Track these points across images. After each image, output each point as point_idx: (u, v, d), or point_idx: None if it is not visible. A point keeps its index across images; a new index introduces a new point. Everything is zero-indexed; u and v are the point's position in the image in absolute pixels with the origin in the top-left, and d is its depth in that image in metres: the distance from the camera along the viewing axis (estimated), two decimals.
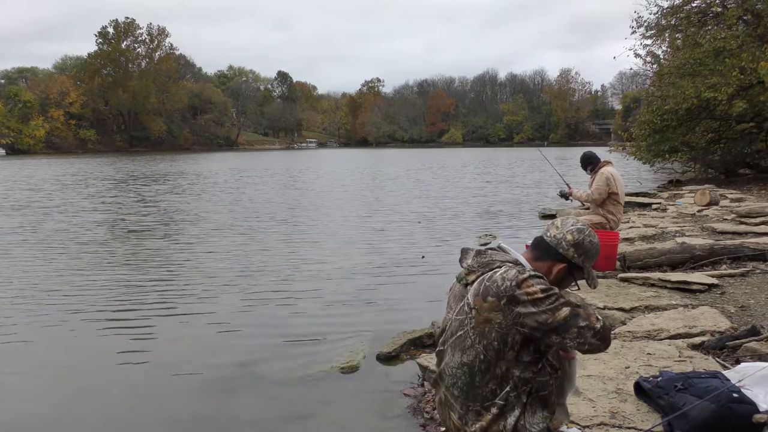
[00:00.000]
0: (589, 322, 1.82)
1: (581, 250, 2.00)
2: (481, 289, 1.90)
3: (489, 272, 1.94)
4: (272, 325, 5.57)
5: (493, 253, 2.04)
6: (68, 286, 7.01)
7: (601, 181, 6.30)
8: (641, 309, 4.83)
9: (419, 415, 3.59)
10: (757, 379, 2.77)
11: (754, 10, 15.39)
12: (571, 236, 2.01)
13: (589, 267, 2.05)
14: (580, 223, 2.08)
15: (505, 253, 2.05)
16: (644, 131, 16.98)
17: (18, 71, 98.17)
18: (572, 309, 1.82)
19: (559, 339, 1.82)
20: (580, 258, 2.00)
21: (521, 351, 1.86)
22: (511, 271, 1.89)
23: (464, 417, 1.94)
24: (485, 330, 1.87)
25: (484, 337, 1.88)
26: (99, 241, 10.29)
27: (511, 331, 1.84)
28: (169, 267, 8.08)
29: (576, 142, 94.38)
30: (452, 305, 2.06)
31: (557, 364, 1.99)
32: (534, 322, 1.81)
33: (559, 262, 2.01)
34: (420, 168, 34.88)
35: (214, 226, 11.89)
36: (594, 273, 2.09)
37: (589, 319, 1.82)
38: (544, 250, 2.04)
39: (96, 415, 3.86)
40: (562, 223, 2.07)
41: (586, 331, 1.80)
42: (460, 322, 1.95)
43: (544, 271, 1.99)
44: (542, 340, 1.84)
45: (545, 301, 1.82)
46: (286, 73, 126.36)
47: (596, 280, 2.10)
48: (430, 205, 15.23)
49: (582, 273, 2.04)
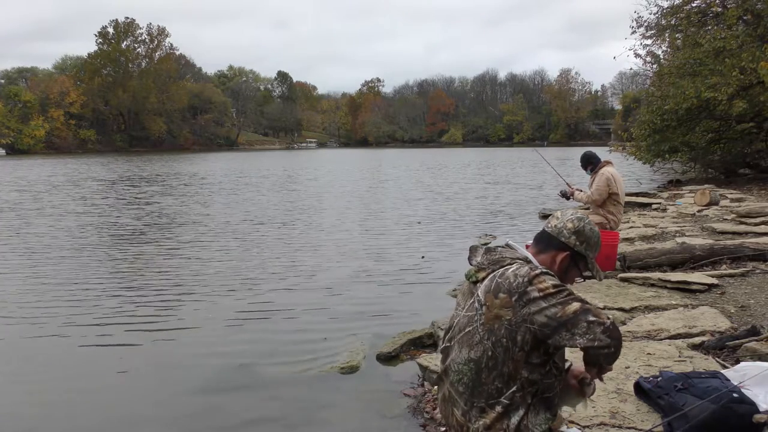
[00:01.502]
0: (598, 318, 1.82)
1: (582, 237, 2.04)
2: (492, 285, 1.91)
3: (500, 269, 1.95)
4: (272, 325, 5.58)
5: (502, 251, 2.05)
6: (67, 287, 7.01)
7: (601, 181, 6.29)
8: (641, 309, 4.83)
9: (419, 415, 3.59)
10: (757, 379, 2.77)
11: (754, 10, 15.38)
12: (571, 224, 2.05)
13: (592, 257, 2.08)
14: (580, 212, 2.13)
15: (514, 251, 2.06)
16: (644, 131, 16.98)
17: (18, 71, 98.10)
18: (582, 304, 1.83)
19: (568, 335, 1.81)
20: (582, 245, 2.05)
21: (531, 352, 1.87)
22: (523, 268, 1.91)
23: (468, 413, 1.94)
24: (495, 326, 1.88)
25: (494, 334, 1.88)
26: (104, 244, 10.30)
27: (521, 329, 1.84)
28: (168, 268, 8.08)
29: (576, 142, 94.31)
30: (461, 303, 2.06)
31: (563, 365, 2.00)
32: (544, 317, 1.82)
33: (561, 251, 2.04)
34: (420, 168, 34.89)
35: (214, 227, 11.89)
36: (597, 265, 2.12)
37: (599, 316, 1.83)
38: (546, 241, 2.08)
39: (96, 416, 3.86)
40: (562, 214, 2.11)
41: (596, 326, 1.80)
42: (470, 318, 1.96)
43: (549, 261, 2.03)
44: (552, 336, 1.83)
45: (556, 296, 1.83)
46: (286, 73, 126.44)
47: (601, 273, 2.14)
48: (430, 206, 15.24)
49: (585, 262, 2.08)
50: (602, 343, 1.81)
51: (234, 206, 15.59)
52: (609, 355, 1.87)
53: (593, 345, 1.82)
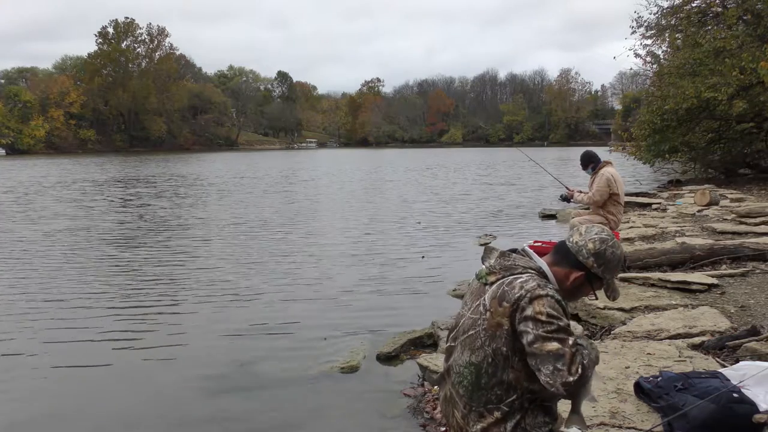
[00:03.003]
0: (567, 370, 1.78)
1: (601, 260, 1.96)
2: (499, 292, 1.89)
3: (510, 277, 1.91)
4: (272, 325, 5.57)
5: (516, 257, 1.99)
6: (66, 288, 7.01)
7: (602, 182, 6.28)
8: (641, 309, 4.83)
9: (419, 415, 3.59)
10: (757, 379, 2.77)
11: (754, 10, 15.37)
12: (592, 245, 1.96)
13: (610, 278, 2.00)
14: (606, 232, 2.02)
15: (530, 259, 2.00)
16: (644, 131, 16.98)
17: (18, 71, 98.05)
18: (561, 348, 1.78)
19: (534, 365, 1.81)
20: (599, 268, 1.96)
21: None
22: (532, 282, 1.86)
23: (467, 416, 1.95)
24: (496, 333, 1.87)
25: (494, 341, 1.87)
26: (104, 244, 10.30)
27: (519, 340, 1.84)
28: (167, 270, 8.08)
29: (576, 143, 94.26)
30: (468, 302, 2.04)
31: None
32: (524, 338, 1.81)
33: (577, 269, 1.97)
34: (420, 168, 34.88)
35: (213, 227, 11.90)
36: (615, 285, 2.04)
37: (570, 368, 1.78)
38: (564, 255, 2.00)
39: (96, 416, 3.86)
40: (586, 231, 2.02)
41: (557, 375, 1.77)
42: (474, 321, 1.95)
43: (562, 276, 1.97)
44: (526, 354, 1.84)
45: (545, 326, 1.79)
46: (286, 73, 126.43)
47: (617, 292, 2.05)
48: (430, 206, 15.24)
49: (601, 283, 2.00)
50: (558, 390, 1.80)
51: (234, 206, 15.59)
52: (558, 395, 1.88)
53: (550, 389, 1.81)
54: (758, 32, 15.05)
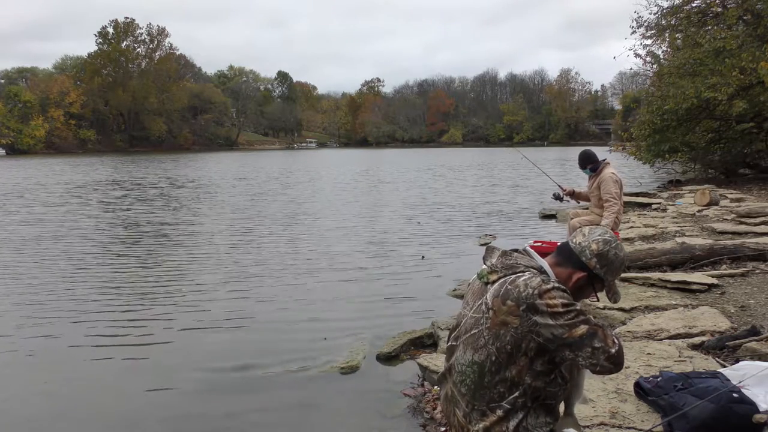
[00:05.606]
0: (605, 344, 1.80)
1: (604, 261, 1.97)
2: (501, 291, 1.89)
3: (512, 275, 1.92)
4: (272, 325, 5.57)
5: (518, 256, 2.00)
6: (66, 288, 7.01)
7: (610, 185, 6.26)
8: (641, 309, 4.83)
9: (419, 415, 3.59)
10: (757, 378, 2.77)
11: (754, 10, 15.37)
12: (595, 245, 1.97)
13: (612, 280, 2.01)
14: (609, 234, 2.03)
15: (531, 258, 2.02)
16: (644, 131, 16.98)
17: (18, 71, 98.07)
18: (590, 327, 1.80)
19: (572, 355, 1.82)
20: (602, 269, 1.97)
21: (535, 359, 1.86)
22: (535, 279, 1.87)
23: (469, 415, 1.94)
24: (500, 332, 1.87)
25: (498, 339, 1.87)
26: (105, 244, 10.30)
27: (526, 338, 1.83)
28: (167, 270, 8.08)
29: (576, 142, 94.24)
30: (469, 301, 2.04)
31: (568, 374, 1.99)
32: (549, 334, 1.81)
33: (579, 270, 1.97)
34: (420, 168, 34.87)
35: (213, 227, 11.89)
36: (617, 288, 2.05)
37: (606, 341, 1.81)
38: (566, 256, 2.01)
39: (96, 416, 3.86)
40: (589, 232, 2.03)
41: (600, 353, 1.79)
42: (476, 320, 1.94)
43: (564, 277, 1.97)
44: (555, 353, 1.83)
45: (564, 316, 1.80)
46: (286, 73, 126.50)
47: (618, 295, 2.06)
48: (430, 206, 15.23)
49: (602, 284, 2.01)
50: (604, 369, 1.82)
51: (234, 206, 15.59)
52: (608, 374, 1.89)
53: (595, 370, 1.83)
54: (758, 32, 15.05)
